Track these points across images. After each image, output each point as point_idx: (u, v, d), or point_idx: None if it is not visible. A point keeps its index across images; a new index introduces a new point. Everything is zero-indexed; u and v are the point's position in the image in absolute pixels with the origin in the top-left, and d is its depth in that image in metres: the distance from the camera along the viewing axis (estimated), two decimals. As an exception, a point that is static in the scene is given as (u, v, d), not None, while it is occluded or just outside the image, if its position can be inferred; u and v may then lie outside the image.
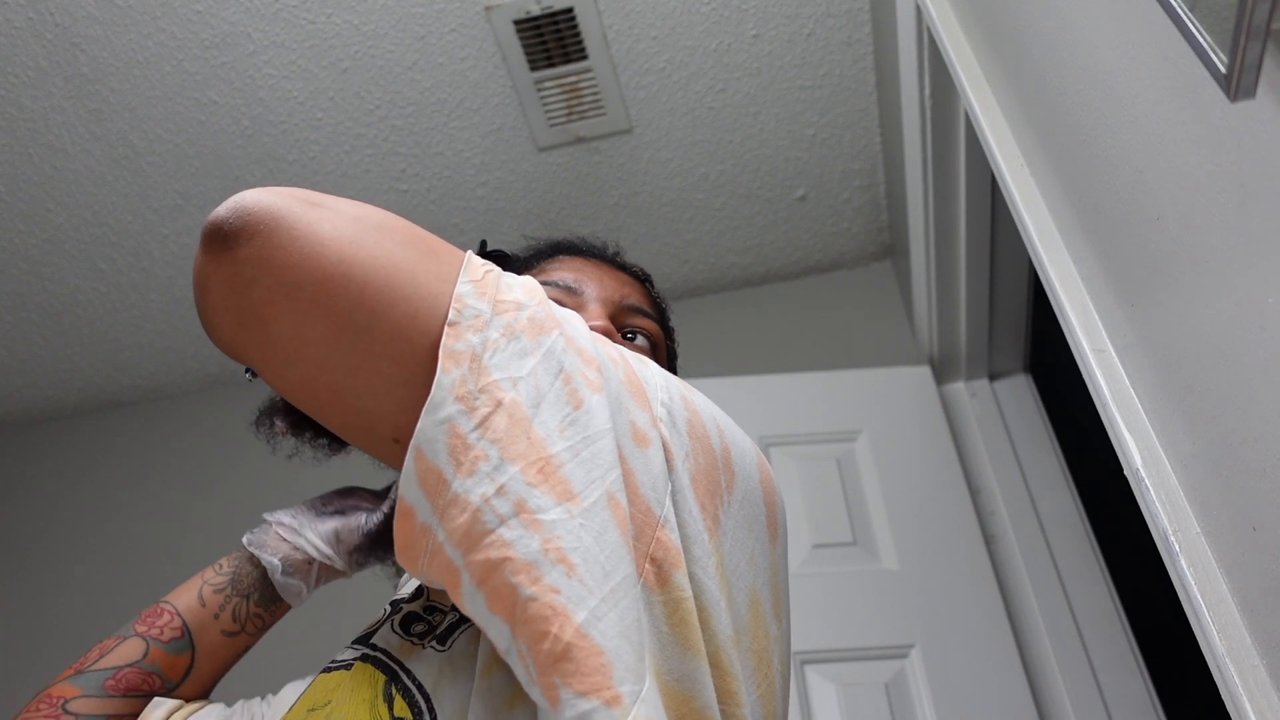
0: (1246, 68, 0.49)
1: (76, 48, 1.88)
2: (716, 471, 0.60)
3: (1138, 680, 1.59)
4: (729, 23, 1.93)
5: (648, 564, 0.53)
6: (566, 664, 0.48)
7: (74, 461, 2.43)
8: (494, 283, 0.56)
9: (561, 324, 0.56)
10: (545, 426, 0.52)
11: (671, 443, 0.57)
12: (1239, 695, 0.69)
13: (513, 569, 0.49)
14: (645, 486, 0.55)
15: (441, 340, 0.52)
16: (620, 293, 0.87)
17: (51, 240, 2.15)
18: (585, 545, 0.50)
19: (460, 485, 0.50)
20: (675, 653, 0.53)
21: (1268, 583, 0.67)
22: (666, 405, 0.59)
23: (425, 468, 0.51)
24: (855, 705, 1.56)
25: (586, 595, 0.49)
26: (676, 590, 0.53)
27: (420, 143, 2.06)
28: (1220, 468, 0.71)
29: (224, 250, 0.52)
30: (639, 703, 0.48)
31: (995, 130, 1.13)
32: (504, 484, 0.50)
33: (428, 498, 0.51)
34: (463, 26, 1.90)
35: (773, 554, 0.64)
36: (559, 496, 0.51)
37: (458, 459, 0.50)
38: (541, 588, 0.49)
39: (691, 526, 0.56)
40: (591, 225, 2.23)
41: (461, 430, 0.50)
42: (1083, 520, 1.77)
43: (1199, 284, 0.71)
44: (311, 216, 0.54)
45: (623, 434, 0.55)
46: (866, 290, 2.31)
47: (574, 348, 0.56)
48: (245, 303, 0.53)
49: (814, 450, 1.88)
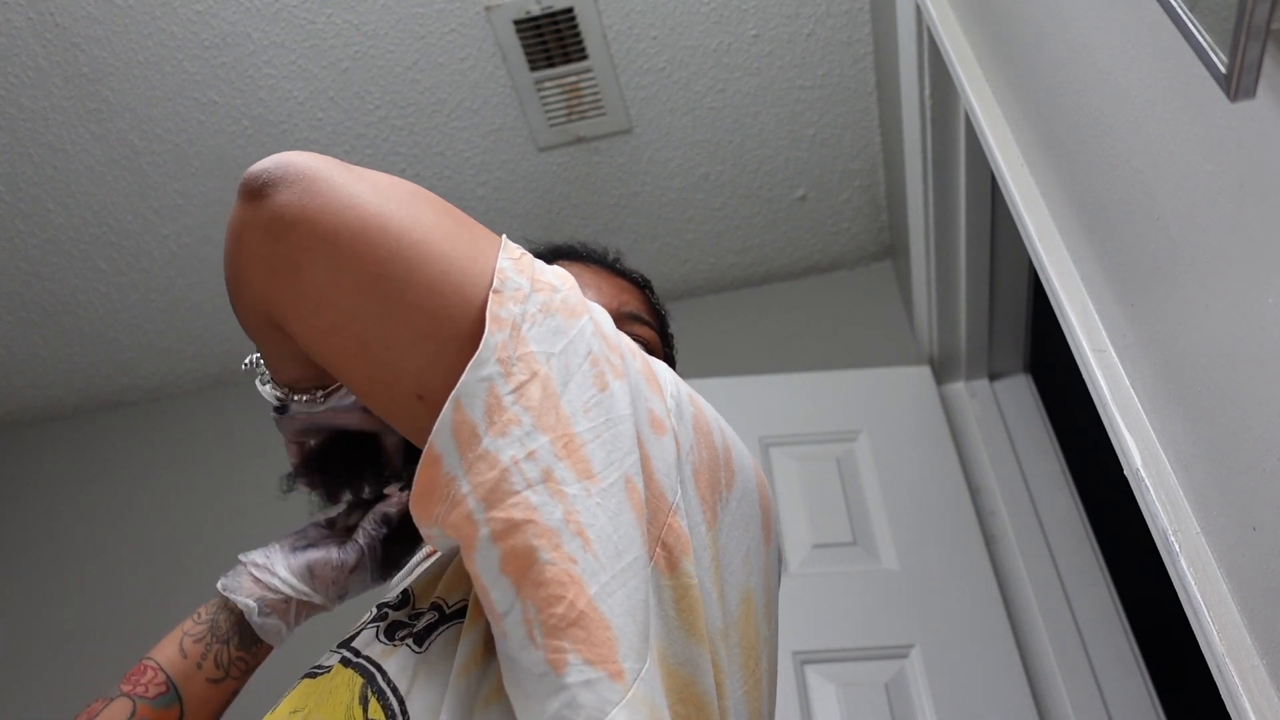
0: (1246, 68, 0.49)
1: (76, 48, 1.88)
2: (718, 468, 0.61)
3: (1138, 680, 1.59)
4: (729, 23, 1.93)
5: (659, 548, 0.54)
6: (579, 630, 0.49)
7: (74, 461, 2.43)
8: (530, 264, 0.57)
9: (591, 310, 0.58)
10: (572, 405, 0.53)
11: (680, 434, 0.58)
12: (1239, 695, 0.69)
13: (536, 532, 0.50)
14: (660, 472, 0.56)
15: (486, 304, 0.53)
16: (618, 299, 0.87)
17: (51, 240, 2.15)
18: (600, 523, 0.51)
19: (491, 443, 0.51)
20: (680, 637, 0.54)
21: (1268, 583, 0.67)
22: (675, 398, 0.60)
23: (461, 419, 0.52)
24: (855, 705, 1.56)
25: (599, 570, 0.50)
26: (685, 577, 0.55)
27: (420, 143, 2.06)
28: (1220, 468, 0.71)
29: (263, 197, 0.53)
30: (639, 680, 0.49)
31: (995, 130, 1.13)
32: (534, 450, 0.51)
33: (458, 449, 0.51)
34: (463, 26, 1.90)
35: (766, 556, 0.65)
36: (579, 474, 0.52)
37: (491, 417, 0.51)
38: (561, 554, 0.50)
39: (692, 519, 0.57)
40: (591, 225, 2.24)
41: (499, 391, 0.52)
42: (1083, 520, 1.77)
43: (1199, 284, 0.71)
44: (349, 176, 0.55)
45: (641, 420, 0.56)
46: (866, 290, 2.31)
47: (601, 333, 0.57)
48: (281, 248, 0.53)
49: (814, 450, 1.87)
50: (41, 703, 2.07)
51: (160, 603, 2.25)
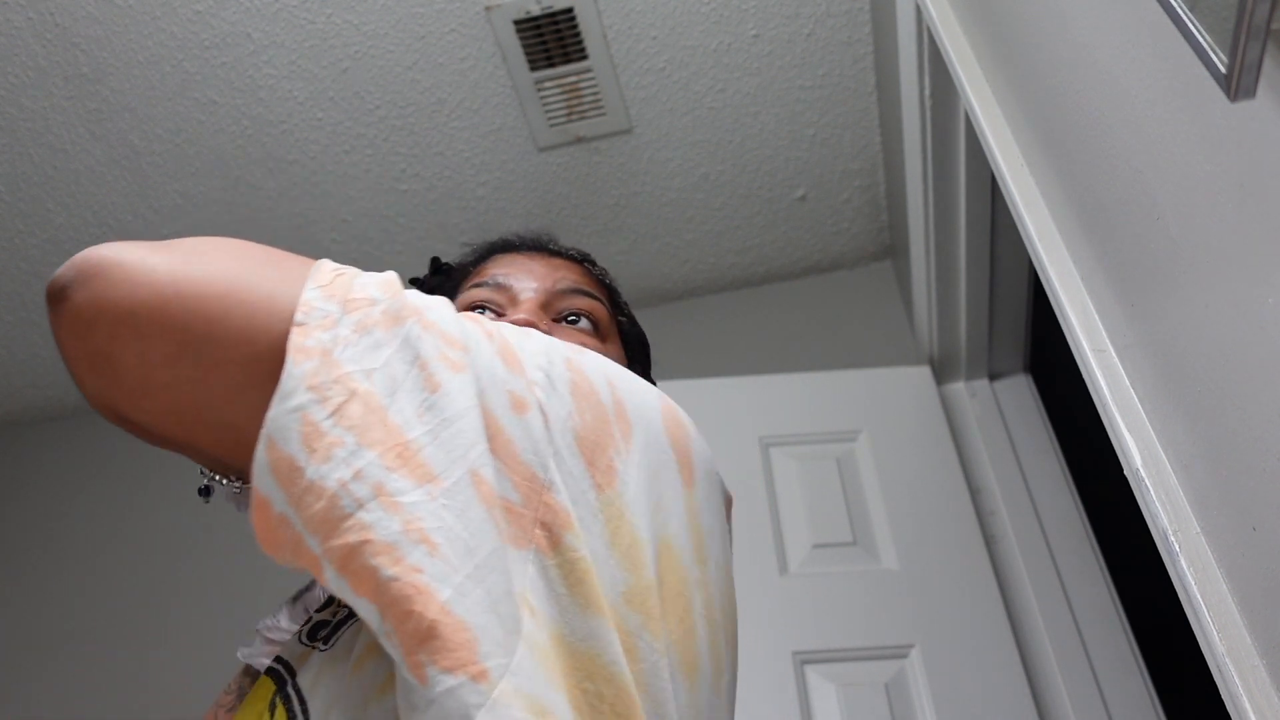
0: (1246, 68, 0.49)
1: (76, 48, 1.88)
2: (608, 425, 0.60)
3: (1138, 680, 1.59)
4: (729, 23, 1.93)
5: (538, 529, 0.54)
6: (433, 641, 0.48)
7: (74, 461, 2.43)
8: (345, 284, 0.56)
9: (421, 311, 0.57)
10: (402, 414, 0.52)
11: (548, 406, 0.57)
12: (1239, 695, 0.69)
13: (373, 551, 0.49)
14: (527, 452, 0.55)
15: (289, 339, 0.52)
16: (553, 278, 0.88)
17: (51, 240, 2.15)
18: (448, 524, 0.50)
19: (315, 471, 0.50)
20: (576, 613, 0.53)
21: (1268, 583, 0.67)
22: (544, 369, 0.59)
23: (277, 456, 0.50)
24: (855, 705, 1.56)
25: (451, 573, 0.49)
26: (569, 551, 0.54)
27: (420, 143, 2.06)
28: (1220, 468, 0.71)
29: (62, 301, 0.53)
30: (506, 675, 0.48)
31: (995, 130, 1.13)
32: (361, 469, 0.50)
33: (281, 486, 0.50)
34: (463, 26, 1.90)
35: (689, 498, 0.64)
36: (419, 479, 0.51)
37: (311, 446, 0.50)
38: (404, 568, 0.49)
39: (574, 488, 0.56)
40: (591, 225, 2.24)
41: (314, 418, 0.51)
42: (1083, 520, 1.77)
43: (1199, 284, 0.71)
44: (144, 253, 0.54)
45: (499, 405, 0.56)
46: (866, 290, 2.31)
47: (434, 332, 0.56)
48: (90, 345, 0.53)
49: (814, 450, 1.87)
50: (42, 703, 2.07)
51: (160, 602, 2.25)
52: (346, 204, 2.14)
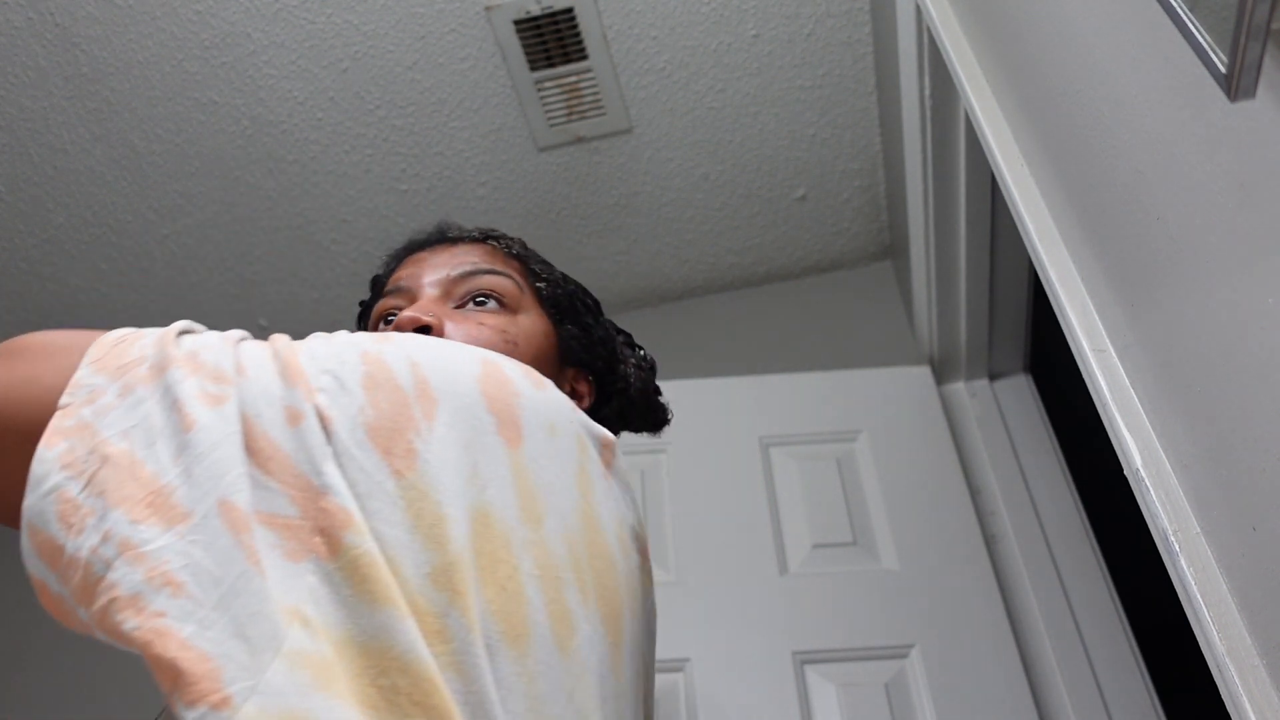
0: (1246, 68, 0.49)
1: (76, 48, 1.88)
2: (407, 408, 0.61)
3: (1138, 680, 1.59)
4: (729, 23, 1.93)
5: (317, 537, 0.55)
6: (178, 679, 0.50)
7: (74, 461, 2.43)
8: (121, 351, 0.59)
9: (193, 354, 0.59)
10: (159, 461, 0.54)
11: (332, 408, 0.59)
12: (1239, 695, 0.69)
13: (118, 607, 0.51)
14: (302, 464, 0.56)
15: (49, 424, 0.55)
16: (451, 265, 0.90)
17: (51, 240, 2.15)
18: (195, 560, 0.52)
19: (73, 545, 0.52)
20: (364, 611, 0.54)
21: (1268, 583, 0.67)
22: (333, 372, 0.60)
23: (40, 540, 0.53)
24: (855, 705, 1.56)
25: (195, 608, 0.51)
26: (351, 550, 0.55)
27: (420, 143, 2.06)
28: (1220, 468, 0.71)
29: None
30: (253, 696, 0.49)
31: (995, 130, 1.13)
32: (108, 530, 0.52)
33: (50, 568, 0.53)
34: (463, 26, 1.90)
35: (515, 458, 0.64)
36: (170, 522, 0.53)
37: (68, 522, 0.53)
38: (145, 616, 0.50)
39: (364, 482, 0.57)
40: (591, 225, 2.24)
41: (70, 494, 0.53)
42: (1083, 520, 1.77)
43: (1199, 284, 0.71)
44: None
45: (274, 423, 0.57)
46: (866, 290, 2.31)
47: (199, 373, 0.58)
48: None
49: (814, 450, 1.87)
50: (42, 702, 2.07)
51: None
52: (346, 204, 2.14)
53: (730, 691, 1.59)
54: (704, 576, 1.72)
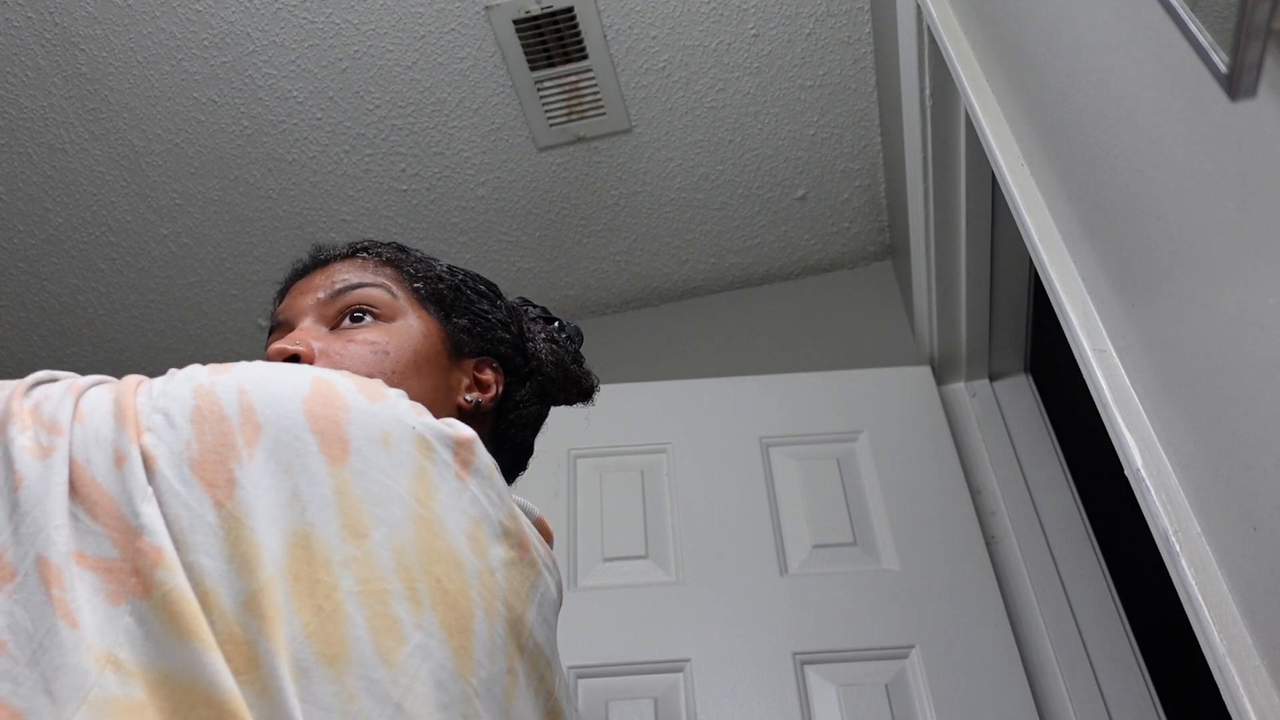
0: (1247, 67, 0.49)
1: (76, 48, 1.88)
2: (230, 437, 0.62)
3: (1138, 680, 1.59)
4: (729, 22, 1.93)
5: (133, 578, 0.57)
6: None
7: (74, 461, 2.43)
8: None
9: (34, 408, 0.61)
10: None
11: (158, 447, 0.60)
12: (1239, 695, 0.69)
13: None
14: (123, 505, 0.58)
15: None
16: (321, 288, 0.89)
17: (51, 240, 2.15)
18: (17, 619, 0.54)
19: None
20: (174, 647, 0.55)
21: (1268, 583, 0.67)
22: (163, 410, 0.62)
23: None
24: (855, 705, 1.56)
25: (11, 666, 0.53)
26: (161, 588, 0.56)
27: (420, 143, 2.06)
28: (1221, 468, 0.71)
29: None
30: None
31: (995, 130, 1.13)
32: None
33: None
34: (462, 26, 1.90)
35: (338, 476, 0.64)
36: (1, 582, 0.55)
37: None
38: None
39: (186, 517, 0.58)
40: (591, 225, 2.24)
41: None
42: (1083, 520, 1.77)
43: (1199, 284, 0.70)
44: None
45: (102, 465, 0.59)
46: (866, 290, 2.30)
47: (37, 424, 0.60)
48: None
49: (814, 450, 1.87)
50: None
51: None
52: (346, 204, 2.14)
53: (730, 691, 1.59)
54: (704, 576, 1.72)
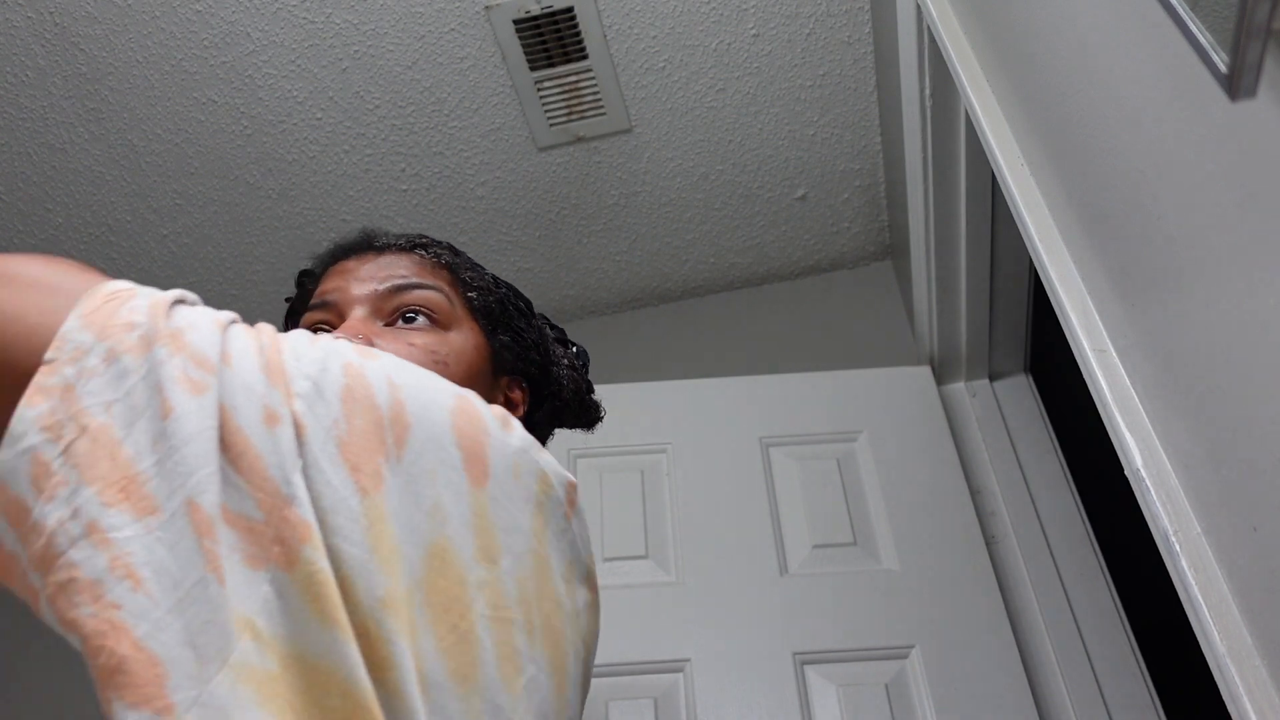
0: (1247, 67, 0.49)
1: (76, 47, 1.88)
2: (381, 430, 0.60)
3: (1138, 680, 1.59)
4: (729, 22, 1.93)
5: (276, 546, 0.54)
6: (120, 677, 0.49)
7: (74, 461, 2.43)
8: (110, 310, 0.57)
9: (178, 333, 0.57)
10: (137, 445, 0.53)
11: (307, 416, 0.57)
12: (1240, 695, 0.69)
13: (76, 589, 0.50)
14: (273, 467, 0.55)
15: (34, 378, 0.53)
16: (378, 279, 0.87)
17: (51, 240, 2.15)
18: (159, 558, 0.51)
19: (40, 511, 0.51)
20: (314, 629, 0.53)
21: (1268, 583, 0.67)
22: (314, 378, 0.59)
23: (7, 498, 0.52)
24: (855, 705, 1.56)
25: (151, 608, 0.50)
26: (308, 566, 0.54)
27: (420, 142, 2.06)
28: (1221, 468, 0.71)
29: None
30: (194, 707, 0.49)
31: (995, 130, 1.13)
32: (79, 507, 0.51)
33: (12, 526, 0.52)
34: (463, 26, 1.90)
35: (477, 498, 0.63)
36: (139, 512, 0.52)
37: (39, 486, 0.52)
38: (102, 605, 0.50)
39: (330, 497, 0.56)
40: (592, 225, 2.23)
41: (45, 458, 0.52)
42: (1083, 520, 1.77)
43: (1199, 284, 0.70)
44: None
45: (251, 419, 0.56)
46: (866, 290, 2.31)
47: (185, 354, 0.57)
48: None
49: (814, 450, 1.87)
50: (41, 702, 2.07)
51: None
52: (346, 204, 2.14)
53: (730, 691, 1.59)
54: (704, 576, 1.72)
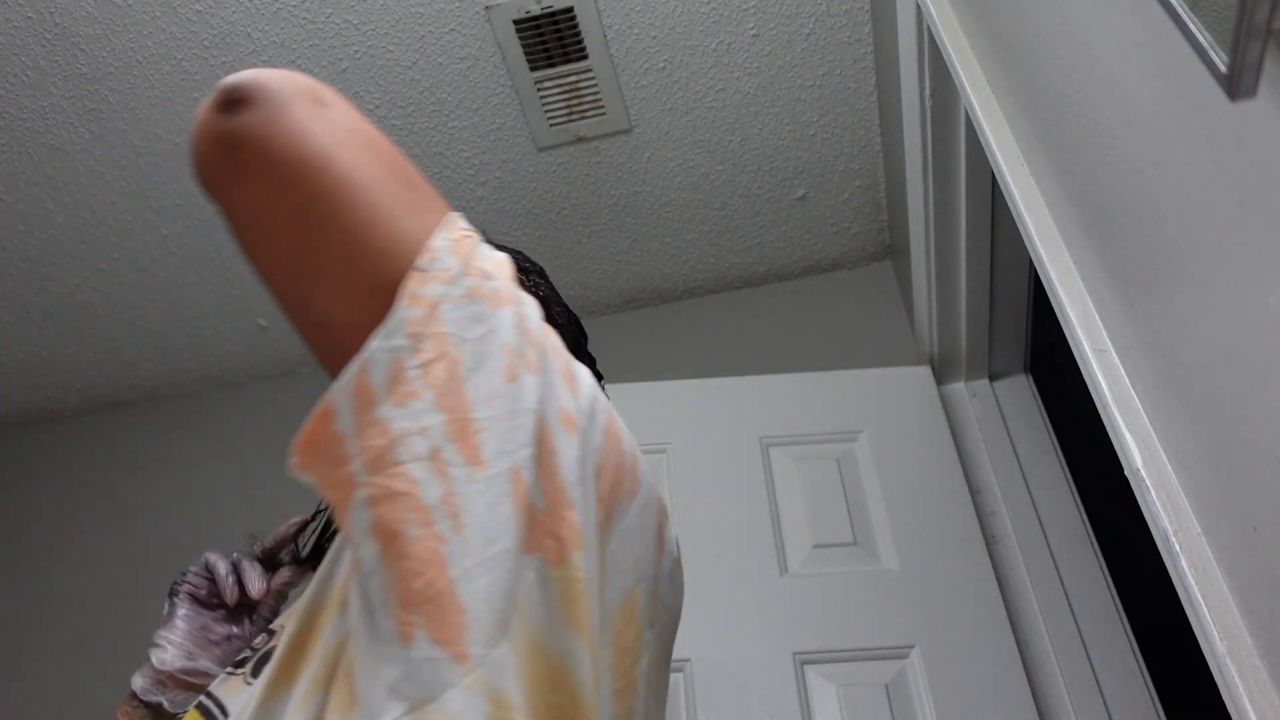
0: (1247, 67, 0.49)
1: (76, 47, 1.88)
2: (623, 475, 0.62)
3: (1138, 680, 1.59)
4: (729, 22, 1.93)
5: (549, 540, 0.55)
6: (431, 608, 0.50)
7: (74, 461, 2.43)
8: (469, 247, 0.58)
9: (519, 303, 0.59)
10: (476, 391, 0.54)
11: (588, 434, 0.60)
12: (1239, 695, 0.69)
13: (410, 505, 0.52)
14: (565, 468, 0.57)
15: (405, 272, 0.54)
16: None
17: (51, 240, 2.15)
18: (477, 509, 0.53)
19: (387, 411, 0.53)
20: (562, 628, 0.55)
21: (1268, 583, 0.67)
22: (590, 400, 0.61)
23: (363, 384, 0.53)
24: (855, 705, 1.56)
25: (466, 555, 0.51)
26: (573, 570, 0.55)
27: (420, 142, 2.06)
28: (1220, 468, 0.71)
29: (227, 112, 0.57)
30: (483, 665, 0.50)
31: (995, 130, 1.13)
32: (427, 427, 0.53)
33: (355, 410, 0.53)
34: (463, 26, 1.90)
35: (658, 566, 0.66)
36: (467, 459, 0.53)
37: (392, 388, 0.53)
38: (429, 532, 0.51)
39: (586, 516, 0.58)
40: (591, 225, 2.24)
41: (404, 364, 0.53)
42: (1083, 520, 1.77)
43: (1199, 284, 0.71)
44: (313, 111, 0.57)
45: (553, 416, 0.57)
46: (866, 290, 2.31)
47: (523, 327, 0.58)
48: (227, 161, 0.56)
49: (814, 450, 1.87)
50: (41, 702, 2.07)
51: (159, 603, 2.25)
52: (346, 204, 2.14)
53: (730, 691, 1.59)
54: (704, 576, 1.72)
